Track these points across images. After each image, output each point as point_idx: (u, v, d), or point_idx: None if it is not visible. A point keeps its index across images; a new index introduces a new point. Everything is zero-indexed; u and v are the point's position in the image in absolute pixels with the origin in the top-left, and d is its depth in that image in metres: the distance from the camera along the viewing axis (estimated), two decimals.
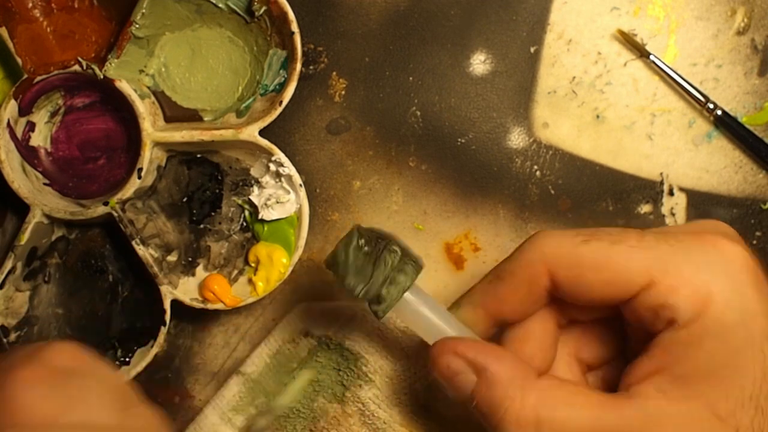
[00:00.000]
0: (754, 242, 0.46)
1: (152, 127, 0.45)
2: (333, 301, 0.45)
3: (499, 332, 0.39)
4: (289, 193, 0.44)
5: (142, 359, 0.45)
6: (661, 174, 0.46)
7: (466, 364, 0.36)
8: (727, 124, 0.45)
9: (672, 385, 0.34)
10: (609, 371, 0.39)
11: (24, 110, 0.45)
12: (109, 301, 0.47)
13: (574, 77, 0.46)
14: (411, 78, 0.47)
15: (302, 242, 0.44)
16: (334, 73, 0.47)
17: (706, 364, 0.33)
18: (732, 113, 0.46)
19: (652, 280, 0.34)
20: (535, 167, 0.46)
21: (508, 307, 0.37)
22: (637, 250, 0.34)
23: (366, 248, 0.37)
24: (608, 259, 0.35)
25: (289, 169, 0.44)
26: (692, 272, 0.34)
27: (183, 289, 0.45)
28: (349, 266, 0.37)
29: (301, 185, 0.44)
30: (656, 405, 0.34)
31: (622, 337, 0.38)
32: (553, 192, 0.46)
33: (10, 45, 0.44)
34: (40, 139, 0.46)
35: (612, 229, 0.36)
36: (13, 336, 0.45)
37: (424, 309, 0.38)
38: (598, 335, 0.39)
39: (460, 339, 0.37)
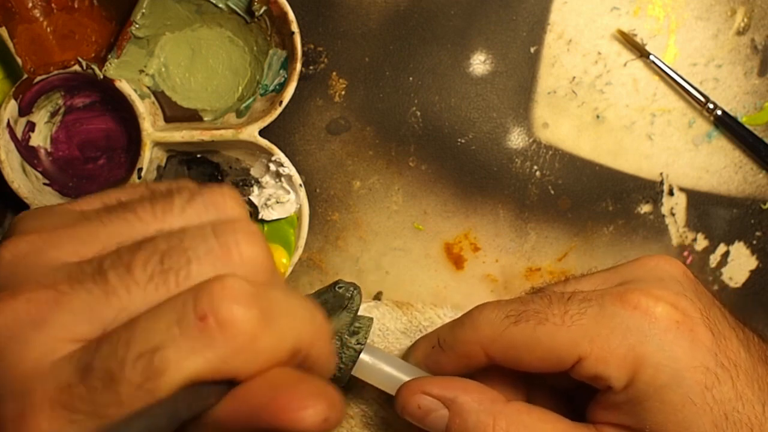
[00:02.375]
0: (754, 242, 0.46)
1: (152, 127, 0.45)
2: None
3: None
4: (289, 193, 0.44)
5: None
6: (661, 174, 0.46)
7: (436, 401, 0.37)
8: (727, 124, 0.45)
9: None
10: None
11: (24, 110, 0.45)
12: None
13: (574, 77, 0.46)
14: (411, 78, 0.47)
15: (302, 242, 0.44)
16: (334, 73, 0.47)
17: (651, 420, 0.34)
18: (732, 113, 0.46)
19: (580, 355, 0.35)
20: (535, 167, 0.46)
21: (450, 372, 0.39)
22: (562, 329, 0.35)
23: None
24: (536, 340, 0.35)
25: (289, 169, 0.44)
26: (619, 341, 0.34)
27: None
28: None
29: (301, 185, 0.44)
30: None
31: None
32: (553, 192, 0.46)
33: (10, 45, 0.44)
34: (40, 139, 0.46)
35: (539, 305, 0.36)
36: None
37: (383, 365, 0.39)
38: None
39: (426, 378, 0.38)
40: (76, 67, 0.44)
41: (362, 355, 0.39)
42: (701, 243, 0.46)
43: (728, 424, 0.33)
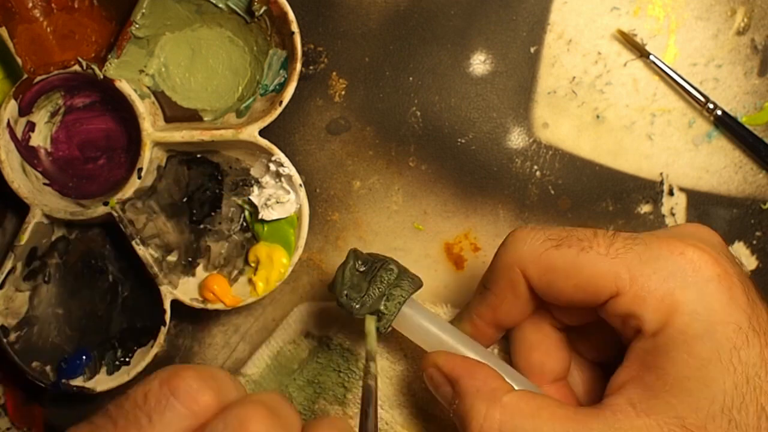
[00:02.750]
0: (754, 242, 0.46)
1: (152, 127, 0.44)
2: (333, 302, 0.45)
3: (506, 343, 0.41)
4: (289, 193, 0.44)
5: (142, 359, 0.44)
6: (661, 174, 0.46)
7: (444, 377, 0.38)
8: (727, 124, 0.45)
9: (642, 396, 0.34)
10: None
11: (24, 110, 0.45)
12: (109, 301, 0.47)
13: (574, 77, 0.46)
14: (411, 78, 0.47)
15: (302, 242, 0.44)
16: (334, 73, 0.47)
17: (673, 375, 0.33)
18: (732, 113, 0.46)
19: (619, 289, 0.34)
20: (535, 167, 0.46)
21: (501, 313, 0.39)
22: (605, 259, 0.35)
23: (362, 268, 0.40)
24: (577, 267, 0.35)
25: (289, 169, 0.44)
26: (659, 282, 0.34)
27: (183, 289, 0.45)
28: (344, 285, 0.39)
29: (301, 185, 0.44)
30: (624, 419, 0.34)
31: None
32: (553, 192, 0.46)
33: (10, 45, 0.44)
34: (40, 139, 0.46)
35: (584, 234, 0.36)
36: (13, 336, 0.45)
37: (423, 321, 0.40)
38: (601, 337, 0.39)
39: (443, 353, 0.39)
40: (76, 67, 0.44)
41: (404, 308, 0.39)
42: None
43: (748, 388, 0.33)
